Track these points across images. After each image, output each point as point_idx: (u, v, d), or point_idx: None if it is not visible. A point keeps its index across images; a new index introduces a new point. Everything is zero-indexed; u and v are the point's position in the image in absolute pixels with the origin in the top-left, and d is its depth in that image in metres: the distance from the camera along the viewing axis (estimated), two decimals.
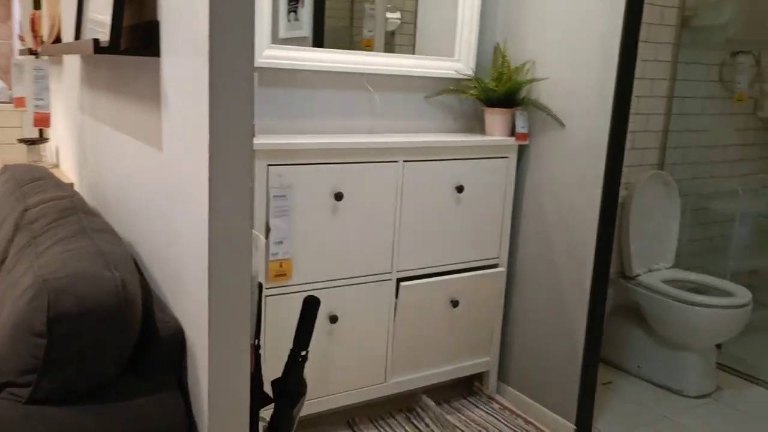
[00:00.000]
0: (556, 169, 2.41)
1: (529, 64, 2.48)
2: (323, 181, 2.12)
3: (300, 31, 2.29)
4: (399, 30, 2.47)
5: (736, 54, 3.35)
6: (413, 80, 2.51)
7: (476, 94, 2.50)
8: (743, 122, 3.53)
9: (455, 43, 2.56)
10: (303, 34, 2.29)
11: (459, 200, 2.41)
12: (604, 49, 2.20)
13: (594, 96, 2.25)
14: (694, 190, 3.38)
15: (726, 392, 2.83)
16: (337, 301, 2.23)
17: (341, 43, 2.35)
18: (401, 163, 2.26)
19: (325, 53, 2.29)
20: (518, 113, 2.46)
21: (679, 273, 2.99)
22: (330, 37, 2.33)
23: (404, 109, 2.51)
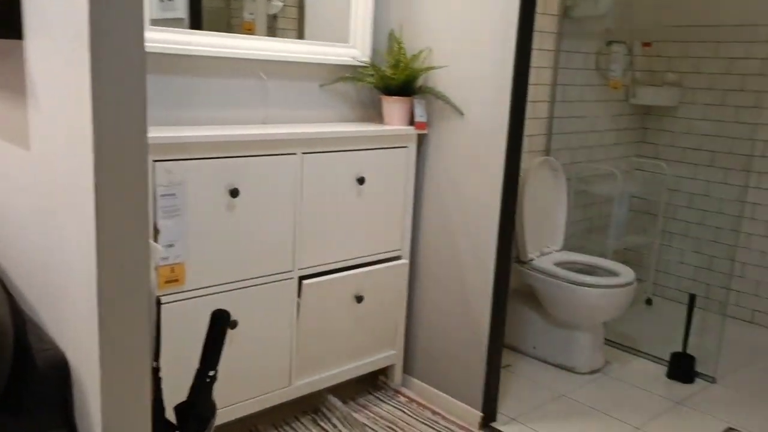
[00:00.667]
0: (457, 158, 2.39)
1: (426, 51, 2.43)
2: (217, 177, 1.96)
3: (174, 12, 2.09)
4: (282, 13, 2.33)
5: (611, 43, 3.51)
6: (307, 67, 2.38)
7: (374, 82, 2.43)
8: (618, 108, 3.71)
9: (349, 29, 2.46)
10: (178, 15, 2.09)
11: (360, 192, 2.33)
12: (501, 38, 2.19)
13: (492, 84, 2.24)
14: (576, 174, 3.52)
15: (614, 366, 2.98)
16: (237, 305, 2.08)
17: (218, 26, 2.18)
18: (300, 155, 2.14)
19: (209, 36, 2.11)
20: (417, 102, 2.42)
21: (568, 255, 3.10)
22: (208, 19, 2.15)
23: (299, 98, 2.38)
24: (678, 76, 3.69)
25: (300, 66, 2.36)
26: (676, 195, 3.77)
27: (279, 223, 2.13)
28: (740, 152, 3.48)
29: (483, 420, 2.42)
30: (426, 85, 2.44)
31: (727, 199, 3.56)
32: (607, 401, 2.66)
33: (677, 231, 3.79)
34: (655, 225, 3.85)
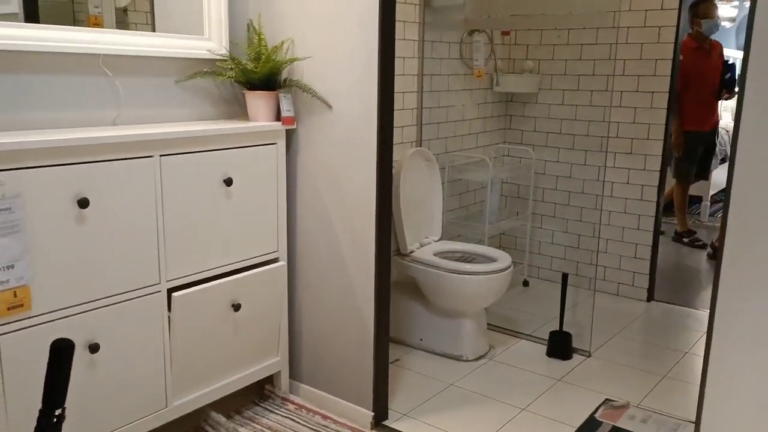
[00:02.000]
0: (329, 152, 2.31)
1: (288, 42, 2.33)
2: (62, 187, 1.74)
3: (6, 6, 1.86)
4: (132, 6, 2.14)
5: (473, 33, 3.58)
6: (160, 62, 2.20)
7: (234, 76, 2.29)
8: (483, 96, 3.80)
9: (204, 19, 2.30)
10: (11, 10, 1.86)
11: (229, 194, 2.18)
12: (364, 27, 2.14)
13: (358, 75, 2.18)
14: (449, 163, 3.56)
15: (498, 350, 3.04)
16: (97, 327, 1.88)
17: (63, 22, 1.96)
18: (157, 157, 1.96)
19: (46, 30, 1.89)
20: (282, 96, 2.31)
21: (447, 244, 3.11)
22: (48, 16, 1.93)
23: (153, 96, 2.20)
24: (536, 63, 3.83)
25: (152, 61, 2.18)
26: (542, 178, 3.92)
27: (139, 233, 1.94)
28: (597, 134, 3.68)
29: (374, 419, 2.37)
30: (291, 77, 2.34)
31: (588, 180, 3.76)
32: (494, 386, 2.70)
33: (547, 213, 3.95)
34: (525, 208, 3.99)
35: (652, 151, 3.51)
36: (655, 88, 3.44)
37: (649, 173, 3.54)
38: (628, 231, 3.67)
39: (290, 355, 2.55)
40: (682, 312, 3.58)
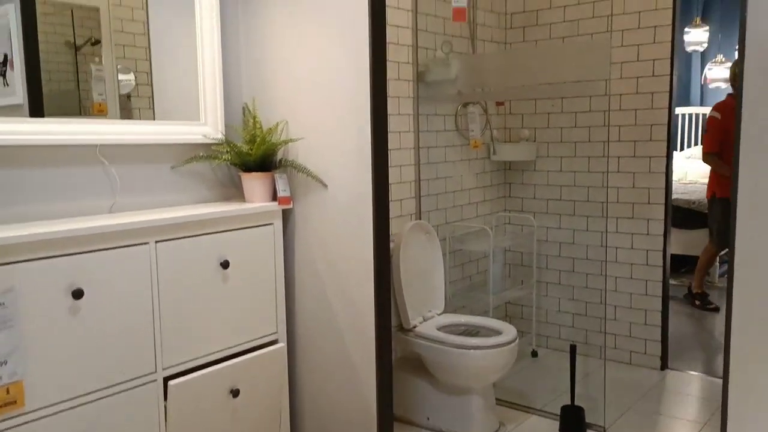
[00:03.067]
0: (325, 230, 2.30)
1: (283, 123, 2.36)
2: (55, 279, 1.73)
3: (12, 98, 1.90)
4: (135, 92, 2.19)
5: (467, 105, 3.63)
6: (157, 149, 2.23)
7: (230, 159, 2.31)
8: (481, 166, 3.82)
9: (200, 106, 2.35)
10: (16, 101, 1.91)
11: (226, 277, 2.16)
12: (356, 106, 2.17)
13: (352, 153, 2.20)
14: (450, 234, 3.54)
15: (508, 427, 2.93)
16: (93, 420, 1.82)
17: (68, 109, 2.01)
18: (152, 244, 1.96)
19: (47, 123, 1.92)
20: (278, 176, 2.32)
21: (450, 317, 3.06)
22: (54, 104, 1.98)
23: (150, 183, 2.21)
24: (532, 131, 3.87)
25: (148, 148, 2.20)
26: (546, 245, 3.89)
27: (134, 322, 1.91)
28: (597, 200, 3.67)
29: None
30: (286, 158, 2.36)
31: (592, 245, 3.72)
32: None
33: (552, 280, 3.90)
34: (530, 277, 3.95)
35: (654, 215, 3.50)
36: (653, 153, 3.46)
37: (652, 238, 3.51)
38: (636, 297, 3.60)
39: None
40: (698, 380, 3.47)
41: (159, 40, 2.23)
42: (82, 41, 2.07)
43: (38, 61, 1.95)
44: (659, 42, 3.36)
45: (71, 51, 2.04)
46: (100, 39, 2.10)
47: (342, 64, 2.19)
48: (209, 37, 2.32)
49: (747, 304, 1.59)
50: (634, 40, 3.43)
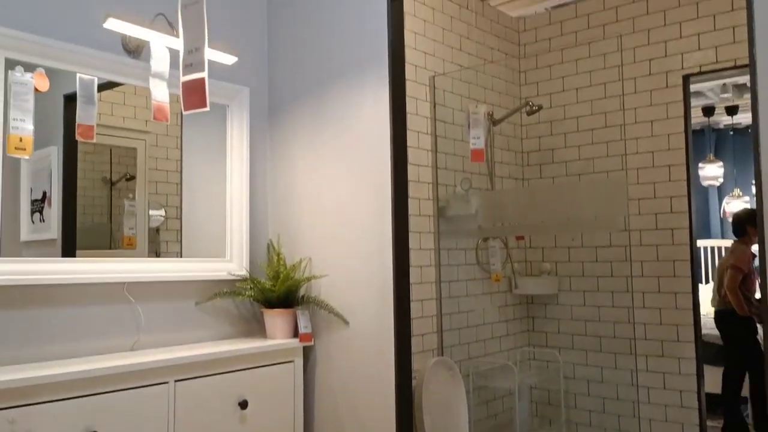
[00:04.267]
0: (347, 368, 2.26)
1: (306, 260, 2.40)
2: (72, 421, 1.70)
3: (47, 233, 1.97)
4: (164, 226, 2.26)
5: (487, 239, 3.67)
6: (182, 286, 2.26)
7: (253, 295, 2.33)
8: (503, 299, 3.79)
9: (226, 242, 2.41)
10: (50, 236, 1.97)
11: (244, 418, 2.11)
12: (379, 245, 2.21)
13: (374, 291, 2.20)
14: (473, 369, 3.45)
15: None
16: None
17: (100, 241, 2.07)
18: (172, 383, 1.93)
19: (78, 263, 1.97)
20: (300, 313, 2.32)
21: None
22: (86, 236, 2.05)
23: (173, 320, 2.22)
24: (553, 265, 3.87)
25: (174, 285, 2.24)
26: (573, 383, 3.76)
27: None
28: (623, 336, 3.59)
29: None
30: (308, 294, 2.38)
31: (621, 384, 3.59)
32: None
33: (582, 421, 3.72)
34: (558, 416, 3.78)
35: (684, 353, 3.39)
36: (678, 289, 3.41)
37: (685, 377, 3.38)
38: None
39: None
40: None
41: (190, 178, 2.33)
42: (118, 177, 2.17)
43: (75, 198, 2.04)
44: (675, 180, 3.42)
45: (107, 186, 2.14)
46: (135, 175, 2.21)
47: (365, 202, 2.26)
48: (238, 177, 2.42)
49: None
50: (649, 177, 3.51)
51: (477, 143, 3.11)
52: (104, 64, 2.06)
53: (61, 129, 2.01)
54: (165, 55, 2.08)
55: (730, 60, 3.18)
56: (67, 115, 2.01)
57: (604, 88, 3.62)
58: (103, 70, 2.06)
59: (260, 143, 2.57)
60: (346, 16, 2.39)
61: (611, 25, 3.56)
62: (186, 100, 1.71)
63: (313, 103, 2.47)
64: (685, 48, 3.31)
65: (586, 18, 3.66)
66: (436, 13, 3.16)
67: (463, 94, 3.46)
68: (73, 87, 1.98)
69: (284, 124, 2.57)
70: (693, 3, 3.29)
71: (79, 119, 1.97)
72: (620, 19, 3.53)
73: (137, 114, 2.20)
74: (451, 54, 3.32)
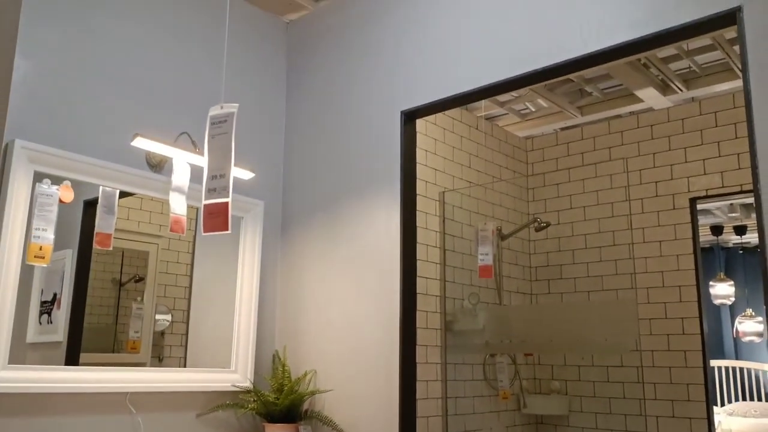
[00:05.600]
0: None
1: (311, 373, 2.37)
2: None
3: (53, 335, 1.97)
4: (169, 330, 2.25)
5: (495, 355, 3.61)
6: (184, 396, 2.22)
7: (255, 408, 2.28)
8: (511, 419, 3.67)
9: (232, 352, 2.38)
10: (56, 339, 1.97)
11: None
12: (386, 360, 2.18)
13: (380, 406, 2.15)
14: None
15: None
16: None
17: (104, 345, 2.06)
18: None
19: (80, 371, 1.95)
20: (302, 429, 2.26)
21: None
22: (92, 338, 2.04)
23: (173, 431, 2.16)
24: (562, 383, 3.78)
25: (177, 396, 2.20)
26: None
27: None
28: None
29: None
30: (312, 409, 2.32)
31: None
32: None
33: None
34: None
35: None
36: (693, 414, 3.30)
37: None
38: None
39: None
40: None
41: (199, 284, 2.35)
42: (128, 278, 2.19)
43: (85, 300, 2.05)
44: (685, 301, 3.40)
45: (116, 287, 2.16)
46: (145, 276, 2.22)
47: (373, 315, 2.25)
48: (248, 286, 2.44)
49: None
50: (660, 297, 3.49)
51: (485, 259, 3.13)
52: (127, 178, 2.14)
53: (78, 233, 2.05)
54: (186, 170, 2.16)
55: (737, 185, 3.24)
56: (85, 220, 2.06)
57: (611, 207, 3.68)
58: (126, 183, 2.14)
59: (272, 254, 2.61)
60: (361, 134, 2.50)
61: (617, 148, 3.67)
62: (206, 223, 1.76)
63: (325, 217, 2.53)
64: (691, 172, 3.38)
65: (592, 140, 3.79)
66: (447, 132, 3.29)
67: (472, 209, 3.53)
68: (93, 193, 2.04)
69: (296, 237, 2.62)
70: (697, 130, 3.40)
71: (98, 228, 2.02)
72: (625, 142, 3.65)
73: (152, 219, 2.26)
74: (461, 171, 3.42)
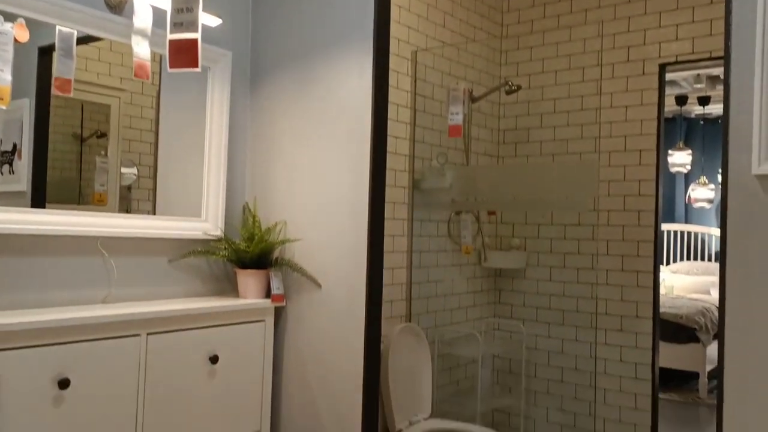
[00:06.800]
0: (317, 329, 2.32)
1: (281, 224, 2.44)
2: (43, 367, 1.74)
3: (16, 185, 1.97)
4: (136, 185, 2.27)
5: (459, 212, 3.75)
6: (156, 243, 2.29)
7: (227, 255, 2.37)
8: (472, 271, 3.89)
9: (202, 203, 2.43)
10: (20, 188, 1.98)
11: (214, 372, 2.16)
12: (355, 212, 2.26)
13: (348, 256, 2.26)
14: (438, 337, 3.55)
15: None
16: None
17: (69, 197, 2.07)
18: (144, 336, 1.98)
19: (48, 214, 1.99)
20: (273, 274, 2.37)
21: (437, 423, 3.02)
22: (55, 191, 2.05)
23: (145, 275, 2.26)
24: (522, 240, 3.97)
25: (148, 242, 2.26)
26: (534, 353, 3.89)
27: (118, 413, 1.90)
28: (585, 310, 3.71)
29: None
30: (282, 257, 2.42)
31: (580, 356, 3.72)
32: None
33: (540, 389, 3.86)
34: (518, 385, 3.91)
35: (642, 329, 3.53)
36: (640, 268, 3.54)
37: (641, 351, 3.52)
38: (625, 411, 3.57)
39: None
40: None
41: (165, 138, 2.34)
42: (89, 133, 2.17)
43: (46, 151, 2.03)
44: (645, 164, 3.52)
45: (77, 142, 2.14)
46: (107, 132, 2.21)
47: (343, 169, 2.30)
48: (217, 138, 2.44)
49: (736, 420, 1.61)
50: (620, 161, 3.60)
51: (455, 119, 3.16)
52: (85, 18, 2.05)
53: (34, 81, 2.00)
54: (148, 12, 2.08)
55: (706, 51, 3.26)
56: (41, 68, 2.00)
57: (582, 72, 3.68)
58: (84, 24, 2.05)
59: (241, 107, 2.59)
60: None
61: (593, 11, 3.61)
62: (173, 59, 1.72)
63: (295, 70, 2.49)
64: (663, 38, 3.37)
65: (570, 2, 3.70)
66: None
67: (444, 70, 3.49)
68: (48, 39, 1.97)
69: (266, 90, 2.59)
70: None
71: (57, 72, 1.97)
72: (602, 5, 3.58)
73: (112, 71, 2.19)
74: (435, 30, 3.34)
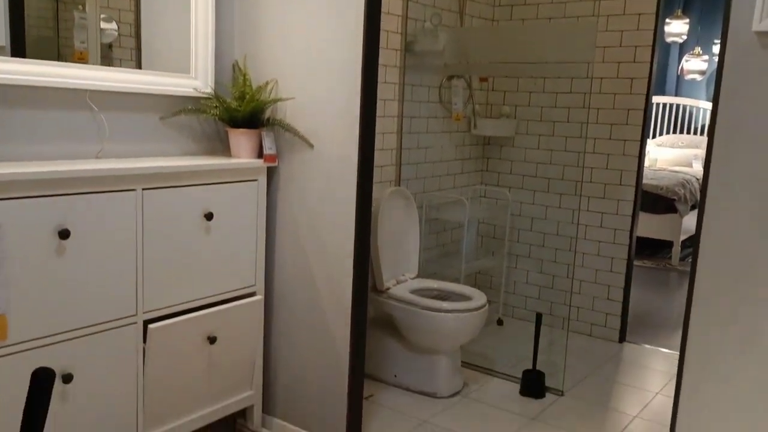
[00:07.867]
0: (309, 190, 2.36)
1: (273, 83, 2.41)
2: (44, 217, 1.77)
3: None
4: (117, 43, 2.20)
5: (452, 78, 3.70)
6: (146, 98, 2.26)
7: (218, 114, 2.35)
8: (461, 139, 3.90)
9: (191, 60, 2.37)
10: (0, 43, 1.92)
11: (209, 228, 2.22)
12: (347, 72, 2.22)
13: (341, 115, 2.25)
14: (427, 202, 3.63)
15: (472, 387, 3.07)
16: (72, 356, 1.89)
17: (49, 56, 2.02)
18: (140, 191, 2.00)
19: (33, 65, 1.94)
20: (265, 134, 2.37)
21: (423, 282, 3.16)
22: (34, 51, 1.98)
23: (137, 132, 2.25)
24: (512, 108, 3.96)
25: (138, 97, 2.23)
26: (518, 219, 4.01)
27: (118, 265, 1.97)
28: (571, 179, 3.79)
29: None
30: (274, 116, 2.41)
31: (563, 222, 3.85)
32: (468, 424, 2.72)
33: (522, 253, 4.02)
34: (501, 248, 4.07)
35: (624, 196, 3.62)
36: (628, 137, 3.57)
37: (621, 218, 3.64)
38: (601, 273, 3.75)
39: (264, 389, 2.56)
40: (653, 353, 3.65)
41: None
42: None
43: (23, 5, 1.94)
44: (642, 29, 3.45)
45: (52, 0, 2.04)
46: None
47: (335, 27, 2.23)
48: None
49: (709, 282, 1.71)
50: (618, 26, 3.52)
51: None
52: None
53: None
54: None
55: None
56: None
57: None
58: None
59: None
60: None
61: None
62: None
63: None
64: None
65: None
66: None
67: None
68: None
69: None
70: None
71: None
72: None
73: None
74: None
